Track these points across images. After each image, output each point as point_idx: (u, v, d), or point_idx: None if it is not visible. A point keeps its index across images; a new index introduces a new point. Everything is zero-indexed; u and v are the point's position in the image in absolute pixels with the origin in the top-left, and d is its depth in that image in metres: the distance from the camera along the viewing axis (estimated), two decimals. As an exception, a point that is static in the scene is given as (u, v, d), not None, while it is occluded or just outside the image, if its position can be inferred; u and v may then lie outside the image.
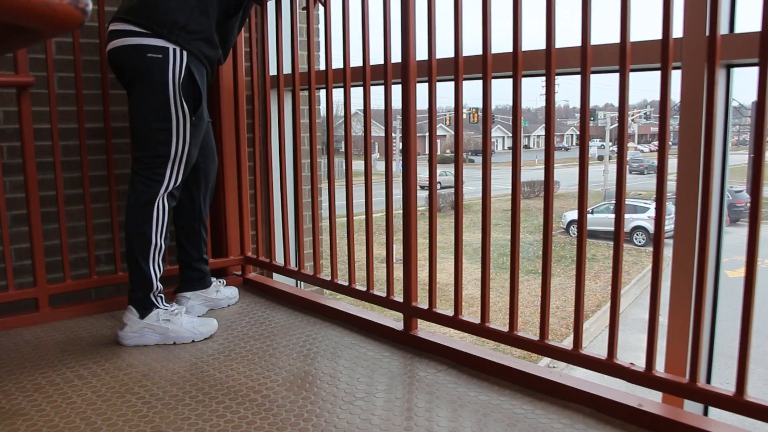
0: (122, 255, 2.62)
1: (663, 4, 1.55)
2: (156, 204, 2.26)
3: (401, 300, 2.30)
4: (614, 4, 1.61)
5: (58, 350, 2.24)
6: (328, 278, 2.62)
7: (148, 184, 2.26)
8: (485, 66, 1.93)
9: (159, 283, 2.30)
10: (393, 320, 2.37)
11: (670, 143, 1.65)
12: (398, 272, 2.33)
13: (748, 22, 1.53)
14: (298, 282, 3.15)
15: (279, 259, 2.97)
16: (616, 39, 1.64)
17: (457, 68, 2.01)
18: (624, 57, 1.63)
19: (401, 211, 2.24)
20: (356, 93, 2.42)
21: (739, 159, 19.82)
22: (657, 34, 1.57)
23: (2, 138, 2.55)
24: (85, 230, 2.65)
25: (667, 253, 1.68)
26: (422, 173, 2.25)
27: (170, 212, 2.32)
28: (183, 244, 2.63)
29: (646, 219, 19.30)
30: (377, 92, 2.35)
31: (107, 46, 2.28)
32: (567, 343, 1.87)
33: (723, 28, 1.53)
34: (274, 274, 3.09)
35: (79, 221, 2.69)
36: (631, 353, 2.33)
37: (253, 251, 3.09)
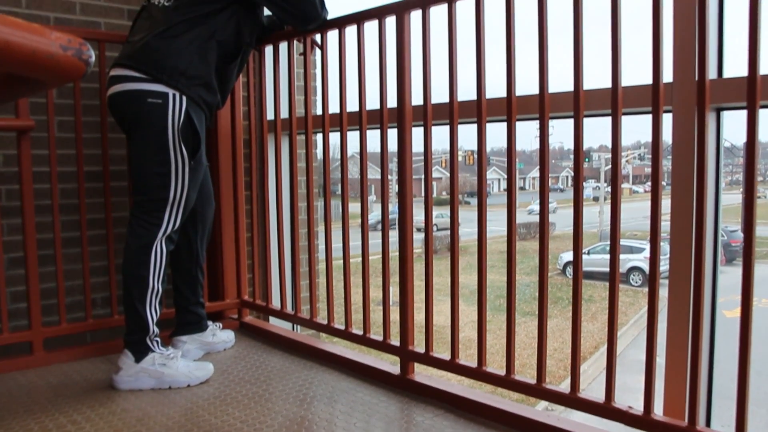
0: (118, 298, 2.61)
1: (653, 50, 1.59)
2: (154, 247, 2.27)
3: (398, 344, 2.29)
4: (605, 50, 1.65)
5: (52, 394, 2.21)
6: (325, 322, 2.61)
7: (146, 228, 2.27)
8: (480, 110, 1.96)
9: (155, 327, 2.29)
10: (390, 364, 2.35)
11: (664, 184, 1.67)
12: (395, 314, 2.32)
13: (736, 66, 1.57)
14: (295, 326, 3.13)
15: (275, 303, 2.96)
16: (608, 83, 1.68)
17: (452, 113, 2.04)
18: (616, 102, 1.66)
19: (398, 254, 2.25)
20: (353, 137, 2.45)
21: (733, 198, 19.92)
22: (648, 79, 1.61)
23: (1, 181, 2.56)
24: (82, 273, 2.65)
25: (664, 293, 1.69)
26: (418, 215, 2.26)
27: (168, 256, 2.32)
28: (179, 287, 2.62)
29: (642, 260, 19.22)
30: (374, 136, 2.38)
31: (108, 91, 2.32)
32: (565, 386, 1.85)
33: (712, 73, 1.57)
34: (270, 317, 3.07)
35: (76, 264, 2.69)
36: (630, 395, 2.30)
37: (249, 295, 3.08)
